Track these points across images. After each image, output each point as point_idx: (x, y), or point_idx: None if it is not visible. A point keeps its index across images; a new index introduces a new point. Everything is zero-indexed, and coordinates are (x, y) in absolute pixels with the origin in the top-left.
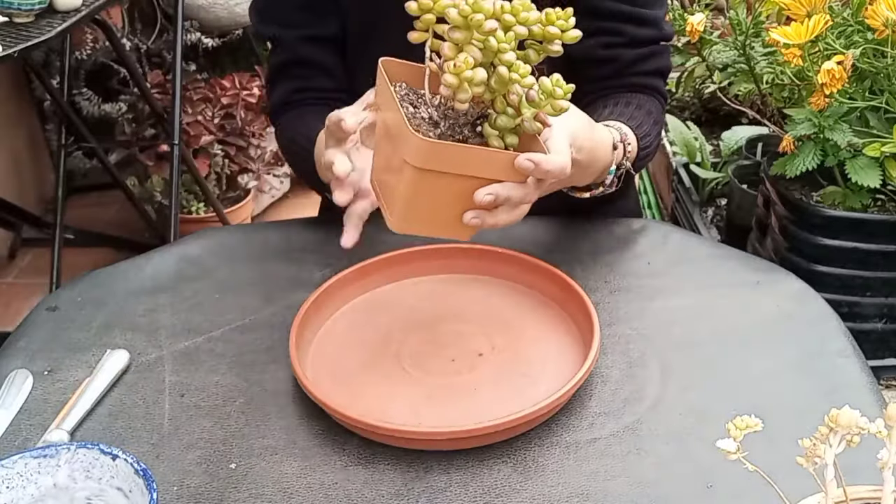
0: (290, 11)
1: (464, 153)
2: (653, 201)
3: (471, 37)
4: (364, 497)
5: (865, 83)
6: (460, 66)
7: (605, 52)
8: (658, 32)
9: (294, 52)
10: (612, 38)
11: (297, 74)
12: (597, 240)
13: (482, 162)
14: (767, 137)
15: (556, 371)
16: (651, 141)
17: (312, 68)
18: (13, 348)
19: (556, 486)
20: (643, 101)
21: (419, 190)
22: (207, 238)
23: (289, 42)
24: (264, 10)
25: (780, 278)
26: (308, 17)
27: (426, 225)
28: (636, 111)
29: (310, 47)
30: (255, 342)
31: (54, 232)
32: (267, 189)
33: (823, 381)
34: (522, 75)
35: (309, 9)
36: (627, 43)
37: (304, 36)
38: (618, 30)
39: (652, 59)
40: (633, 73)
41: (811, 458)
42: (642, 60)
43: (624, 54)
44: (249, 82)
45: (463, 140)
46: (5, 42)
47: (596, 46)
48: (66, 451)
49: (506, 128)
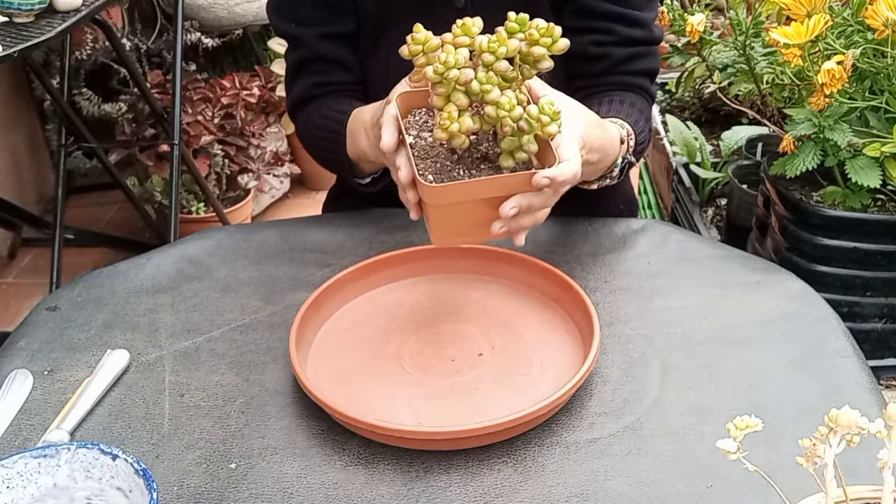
0: (306, 10)
1: (474, 186)
2: (653, 201)
3: (452, 87)
4: (364, 497)
5: (865, 83)
6: (444, 122)
7: (596, 50)
8: (648, 34)
9: (312, 49)
10: (603, 37)
11: (317, 70)
12: (597, 240)
13: (494, 188)
14: (767, 137)
15: (556, 371)
16: (645, 137)
17: (331, 63)
18: (13, 348)
19: (556, 486)
20: (634, 99)
21: (443, 218)
22: (207, 238)
23: (306, 39)
24: (281, 7)
25: (780, 278)
26: (324, 15)
27: (460, 239)
28: (630, 108)
29: (327, 44)
30: (255, 342)
31: (54, 232)
32: (267, 189)
33: (823, 381)
34: (509, 109)
35: (325, 7)
36: (618, 42)
37: (322, 34)
38: (609, 29)
39: (641, 59)
40: (623, 72)
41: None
42: (631, 60)
43: (614, 52)
44: (249, 82)
45: (483, 156)
46: (5, 42)
47: (588, 44)
48: (66, 451)
49: (511, 148)
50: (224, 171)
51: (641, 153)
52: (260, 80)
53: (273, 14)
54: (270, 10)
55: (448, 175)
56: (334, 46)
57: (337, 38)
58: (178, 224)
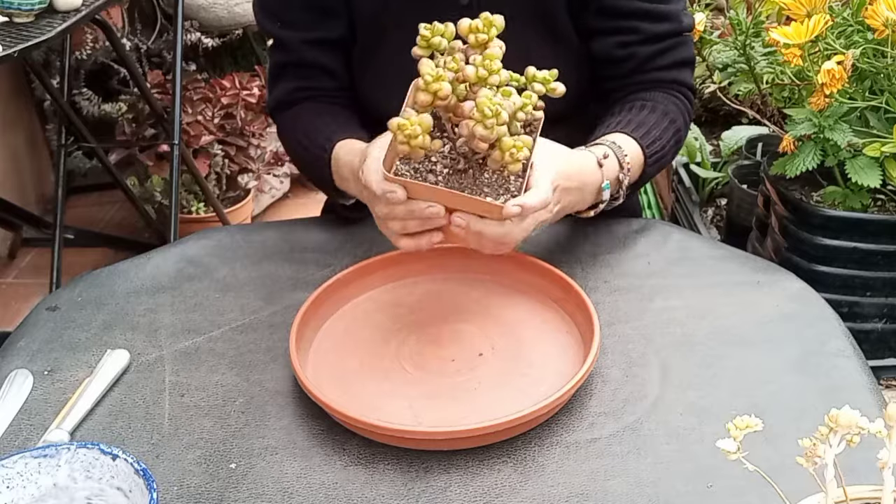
0: (294, 11)
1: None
2: (653, 201)
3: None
4: (364, 497)
5: (865, 83)
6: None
7: (622, 52)
8: (676, 25)
9: (297, 53)
10: (627, 37)
11: (300, 74)
12: (597, 240)
13: (445, 197)
14: (767, 137)
15: (556, 371)
16: (664, 144)
17: (315, 69)
18: (13, 348)
19: (556, 486)
20: (659, 101)
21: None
22: (207, 238)
23: (292, 44)
24: (268, 5)
25: (780, 278)
26: (312, 18)
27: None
28: (648, 115)
29: (312, 50)
30: (255, 342)
31: (54, 232)
32: (267, 189)
33: (823, 381)
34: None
35: (313, 10)
36: (644, 40)
37: (308, 39)
38: (634, 28)
39: (671, 52)
40: (654, 69)
41: (811, 458)
42: (660, 55)
43: (640, 51)
44: (249, 82)
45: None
46: (5, 42)
47: (613, 46)
48: (66, 451)
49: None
50: (224, 171)
51: (663, 159)
52: (260, 80)
53: (259, 12)
54: (257, 7)
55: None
56: (320, 52)
57: (323, 43)
58: (178, 224)
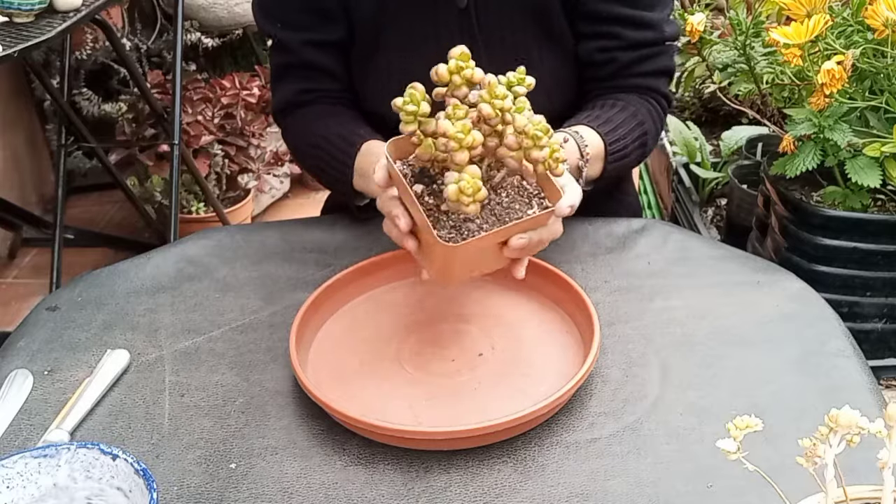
0: (293, 13)
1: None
2: (653, 201)
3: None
4: (364, 497)
5: (865, 83)
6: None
7: (602, 56)
8: (658, 34)
9: (298, 55)
10: (608, 42)
11: (303, 76)
12: (597, 240)
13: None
14: (767, 137)
15: (556, 371)
16: (627, 144)
17: (316, 70)
18: (13, 348)
19: (556, 486)
20: (631, 103)
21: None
22: (207, 238)
23: (292, 45)
24: (266, 6)
25: (780, 278)
26: (311, 20)
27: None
28: (618, 113)
29: (313, 51)
30: (255, 342)
31: (54, 232)
32: (267, 189)
33: (823, 381)
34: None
35: (312, 12)
36: (625, 46)
37: (308, 40)
38: (615, 33)
39: (651, 60)
40: (632, 75)
41: (811, 458)
42: (639, 62)
43: (620, 57)
44: (249, 82)
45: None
46: (5, 42)
47: (594, 50)
48: (66, 451)
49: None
50: (224, 171)
51: (625, 158)
52: (260, 80)
53: (258, 12)
54: (255, 8)
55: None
56: (321, 54)
57: (323, 45)
58: (178, 224)
